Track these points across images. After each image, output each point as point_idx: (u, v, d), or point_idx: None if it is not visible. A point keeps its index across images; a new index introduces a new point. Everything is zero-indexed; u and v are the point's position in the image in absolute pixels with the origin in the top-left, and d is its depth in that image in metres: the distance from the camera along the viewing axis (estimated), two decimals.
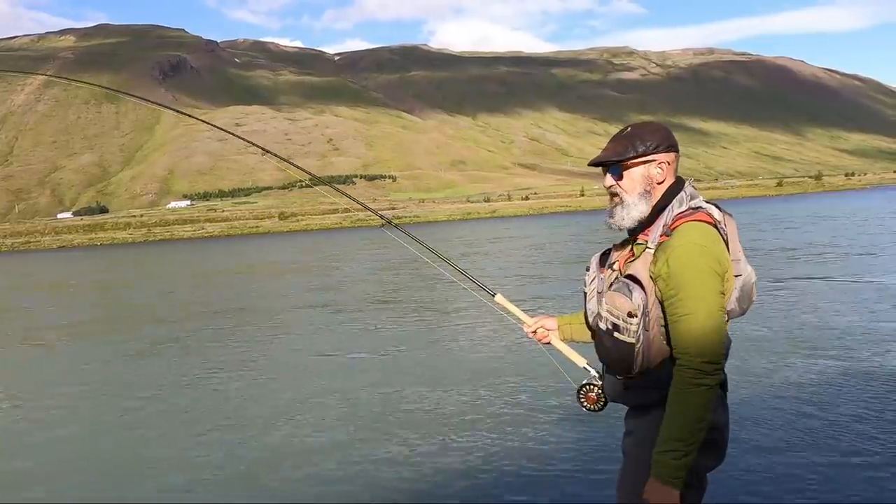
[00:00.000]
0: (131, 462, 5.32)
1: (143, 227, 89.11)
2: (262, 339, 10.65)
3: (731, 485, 4.03)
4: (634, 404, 2.06)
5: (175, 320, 13.59)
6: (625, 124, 2.16)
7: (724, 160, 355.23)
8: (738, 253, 1.99)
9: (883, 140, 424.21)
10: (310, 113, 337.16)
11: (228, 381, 7.86)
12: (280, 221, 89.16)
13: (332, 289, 17.34)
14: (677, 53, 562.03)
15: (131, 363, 9.57)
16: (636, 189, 2.02)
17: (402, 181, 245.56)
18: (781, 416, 5.25)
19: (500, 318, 10.82)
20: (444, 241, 36.78)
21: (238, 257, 37.81)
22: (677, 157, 2.06)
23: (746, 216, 38.08)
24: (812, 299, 10.50)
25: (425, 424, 5.72)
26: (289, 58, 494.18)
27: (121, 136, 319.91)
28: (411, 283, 17.43)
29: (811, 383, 6.05)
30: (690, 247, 1.87)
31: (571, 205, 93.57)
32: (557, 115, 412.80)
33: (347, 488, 4.54)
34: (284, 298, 16.11)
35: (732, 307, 1.97)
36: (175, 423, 6.33)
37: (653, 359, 1.93)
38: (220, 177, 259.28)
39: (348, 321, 11.79)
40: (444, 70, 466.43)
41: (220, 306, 15.18)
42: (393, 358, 8.53)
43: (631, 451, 2.06)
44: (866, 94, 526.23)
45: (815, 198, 74.80)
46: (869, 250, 17.12)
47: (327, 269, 24.18)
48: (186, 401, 7.11)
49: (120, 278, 29.94)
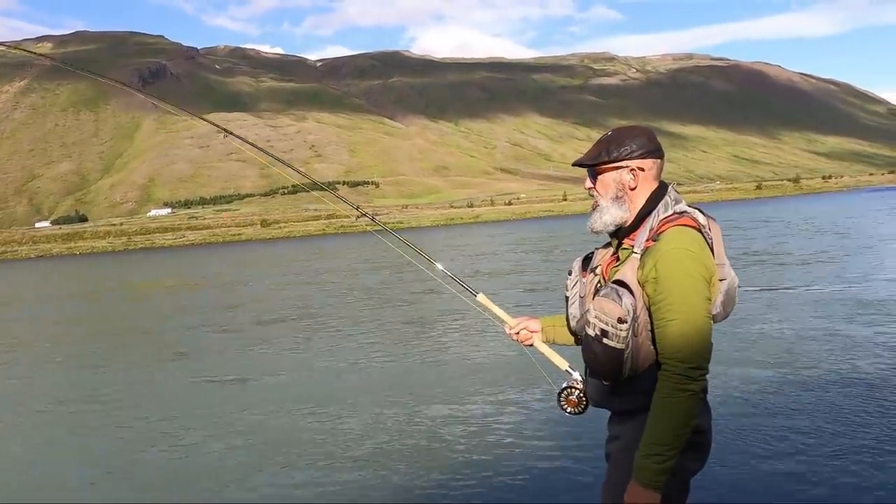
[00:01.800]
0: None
1: (124, 236, 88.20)
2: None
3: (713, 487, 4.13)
4: (621, 409, 2.05)
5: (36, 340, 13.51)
6: (605, 129, 2.10)
7: (703, 164, 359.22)
8: (722, 257, 1.99)
9: (857, 143, 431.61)
10: (291, 119, 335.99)
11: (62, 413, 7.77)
12: (262, 228, 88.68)
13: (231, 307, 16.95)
14: (656, 59, 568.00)
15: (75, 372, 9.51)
16: (609, 193, 2.05)
17: (385, 187, 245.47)
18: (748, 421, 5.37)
19: (485, 322, 10.93)
20: (430, 244, 36.86)
21: (181, 270, 37.53)
22: (657, 163, 2.05)
23: (726, 220, 38.55)
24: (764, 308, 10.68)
25: (408, 427, 5.78)
26: (270, 64, 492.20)
27: (100, 143, 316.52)
28: (331, 299, 17.44)
29: (753, 391, 6.18)
30: (679, 252, 1.88)
31: (554, 209, 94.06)
32: (539, 121, 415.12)
33: (334, 489, 4.58)
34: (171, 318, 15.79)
35: (717, 311, 1.99)
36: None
37: (641, 364, 1.93)
38: (202, 184, 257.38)
39: (247, 341, 11.79)
40: (426, 76, 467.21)
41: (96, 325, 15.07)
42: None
43: (617, 455, 2.04)
44: (841, 98, 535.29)
45: (795, 200, 75.88)
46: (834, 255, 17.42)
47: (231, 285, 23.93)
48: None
49: (30, 293, 29.17)
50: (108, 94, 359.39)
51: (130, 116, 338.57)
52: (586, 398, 2.13)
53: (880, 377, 6.12)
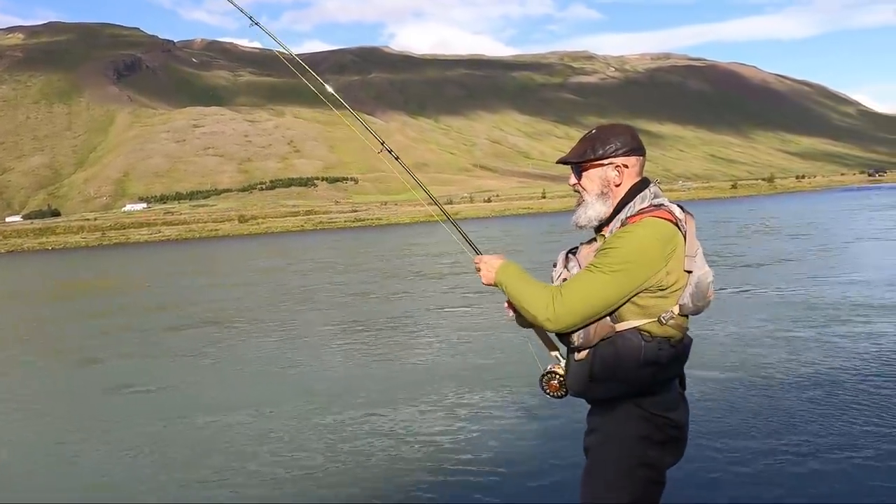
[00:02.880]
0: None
1: (98, 231, 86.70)
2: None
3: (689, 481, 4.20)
4: (600, 397, 2.09)
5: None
6: (584, 127, 2.17)
7: (680, 163, 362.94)
8: (695, 249, 2.04)
9: (829, 144, 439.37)
10: (270, 114, 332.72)
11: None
12: (240, 224, 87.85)
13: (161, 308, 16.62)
14: (635, 58, 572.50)
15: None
16: (594, 190, 2.12)
17: (364, 183, 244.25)
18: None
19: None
20: (415, 244, 36.75)
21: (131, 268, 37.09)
22: (640, 160, 2.13)
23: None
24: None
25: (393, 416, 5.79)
26: (247, 58, 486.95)
27: (73, 136, 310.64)
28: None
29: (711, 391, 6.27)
30: (633, 235, 1.97)
31: (533, 207, 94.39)
32: (518, 118, 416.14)
33: (320, 490, 4.58)
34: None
35: (685, 302, 2.02)
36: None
37: (592, 333, 2.01)
38: (178, 179, 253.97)
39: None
40: (405, 72, 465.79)
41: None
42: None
43: (595, 448, 2.10)
44: (814, 99, 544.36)
45: (768, 200, 77.04)
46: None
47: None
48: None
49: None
50: (82, 86, 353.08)
51: (105, 109, 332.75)
52: (566, 384, 2.18)
53: (829, 377, 6.25)
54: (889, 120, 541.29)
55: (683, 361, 2.10)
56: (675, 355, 2.04)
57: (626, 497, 2.00)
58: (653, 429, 2.03)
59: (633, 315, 2.00)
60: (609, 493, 2.02)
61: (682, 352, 2.07)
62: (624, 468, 2.02)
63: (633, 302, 1.99)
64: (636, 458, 2.02)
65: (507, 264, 2.17)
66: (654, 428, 2.03)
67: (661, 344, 2.00)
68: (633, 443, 2.02)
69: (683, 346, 2.08)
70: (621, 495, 2.01)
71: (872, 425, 4.91)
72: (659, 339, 2.00)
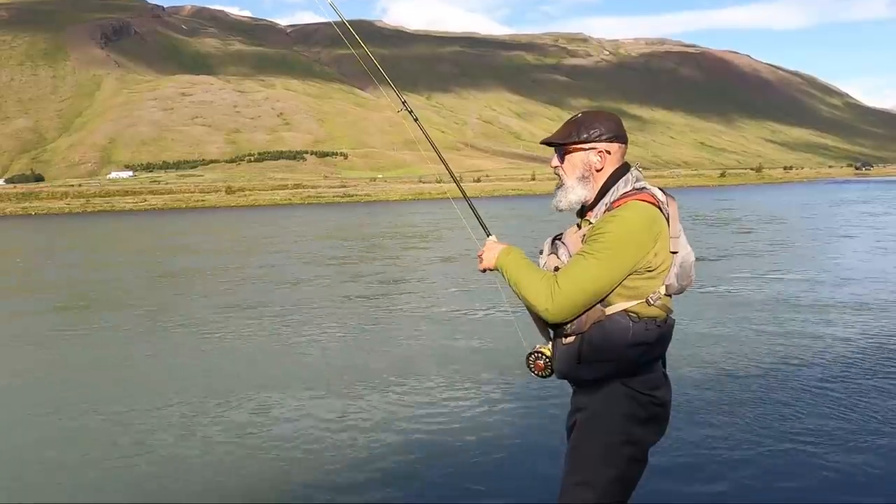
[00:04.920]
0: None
1: (82, 198, 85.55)
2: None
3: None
4: (587, 378, 2.12)
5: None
6: (576, 110, 2.18)
7: (670, 150, 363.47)
8: (678, 231, 2.09)
9: (816, 135, 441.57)
10: (260, 85, 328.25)
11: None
12: (227, 196, 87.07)
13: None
14: (629, 42, 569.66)
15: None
16: (575, 173, 2.16)
17: (354, 159, 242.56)
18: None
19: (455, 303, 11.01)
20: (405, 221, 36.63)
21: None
22: (622, 147, 2.17)
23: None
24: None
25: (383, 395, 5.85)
26: (238, 27, 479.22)
27: (58, 101, 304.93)
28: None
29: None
30: (621, 219, 2.01)
31: (523, 188, 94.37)
32: (511, 98, 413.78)
33: (305, 484, 4.62)
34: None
35: (671, 282, 2.07)
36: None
37: (585, 319, 2.05)
38: (165, 148, 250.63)
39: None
40: (398, 48, 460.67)
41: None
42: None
43: (583, 423, 2.13)
44: (804, 90, 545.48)
45: (757, 189, 77.53)
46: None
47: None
48: None
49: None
50: (68, 49, 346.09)
51: (91, 74, 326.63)
52: (552, 364, 2.22)
53: (730, 375, 6.39)
54: (874, 113, 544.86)
55: (668, 341, 2.15)
56: (661, 335, 2.08)
57: (611, 473, 2.04)
58: (638, 407, 2.06)
59: (621, 297, 2.03)
60: (593, 470, 2.05)
61: (667, 331, 2.12)
62: (609, 445, 2.05)
63: (622, 284, 2.02)
64: (621, 435, 2.05)
65: (509, 249, 2.19)
66: (639, 406, 2.06)
67: (648, 324, 2.04)
68: (619, 420, 2.05)
69: (668, 325, 2.12)
70: (606, 471, 2.04)
71: (759, 431, 5.04)
72: (646, 320, 2.03)
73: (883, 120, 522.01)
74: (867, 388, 5.49)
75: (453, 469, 4.28)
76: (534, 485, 3.98)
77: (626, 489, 2.08)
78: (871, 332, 7.43)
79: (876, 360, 6.29)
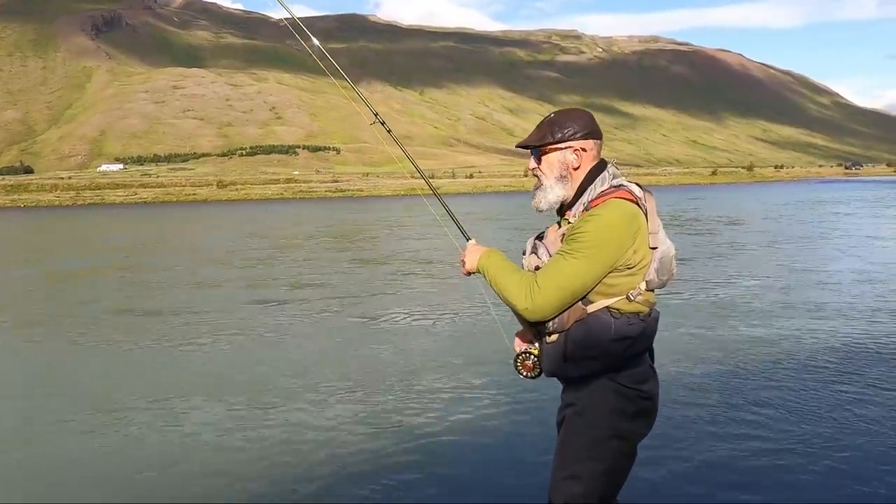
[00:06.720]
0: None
1: (72, 191, 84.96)
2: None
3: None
4: (574, 375, 2.13)
5: None
6: (569, 107, 2.30)
7: (663, 147, 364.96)
8: (657, 227, 2.10)
9: (807, 135, 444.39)
10: (252, 79, 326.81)
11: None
12: (218, 190, 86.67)
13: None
14: (623, 40, 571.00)
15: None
16: (553, 173, 2.17)
17: (346, 154, 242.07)
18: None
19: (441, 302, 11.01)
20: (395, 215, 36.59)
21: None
22: (598, 143, 2.19)
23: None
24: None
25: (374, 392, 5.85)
26: (230, 20, 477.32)
27: (48, 92, 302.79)
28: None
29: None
30: (600, 218, 2.02)
31: (515, 185, 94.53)
32: (504, 94, 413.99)
33: (305, 484, 4.63)
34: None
35: (651, 278, 2.09)
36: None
37: (566, 318, 2.07)
38: (156, 141, 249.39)
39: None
40: (391, 42, 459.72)
41: None
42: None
43: (572, 419, 2.14)
44: (796, 89, 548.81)
45: (748, 187, 77.88)
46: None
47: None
48: None
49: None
50: (58, 40, 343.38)
51: (81, 66, 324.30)
52: (540, 364, 2.21)
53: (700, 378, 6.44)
54: (864, 113, 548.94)
55: (653, 334, 2.16)
56: (644, 329, 2.09)
57: (599, 467, 2.07)
58: (626, 401, 2.08)
59: (602, 295, 2.05)
60: (582, 464, 2.07)
61: (650, 325, 2.13)
62: (598, 439, 2.07)
63: (602, 282, 2.03)
64: (609, 429, 2.07)
65: (489, 251, 2.22)
66: (627, 400, 2.08)
67: (631, 319, 2.06)
68: (608, 415, 2.07)
69: (652, 319, 2.14)
70: (594, 465, 2.06)
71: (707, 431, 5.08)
72: (628, 315, 2.05)
73: (873, 120, 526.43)
74: (843, 391, 5.55)
75: (447, 469, 4.29)
76: (522, 482, 3.99)
77: (615, 483, 2.11)
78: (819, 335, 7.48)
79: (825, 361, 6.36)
